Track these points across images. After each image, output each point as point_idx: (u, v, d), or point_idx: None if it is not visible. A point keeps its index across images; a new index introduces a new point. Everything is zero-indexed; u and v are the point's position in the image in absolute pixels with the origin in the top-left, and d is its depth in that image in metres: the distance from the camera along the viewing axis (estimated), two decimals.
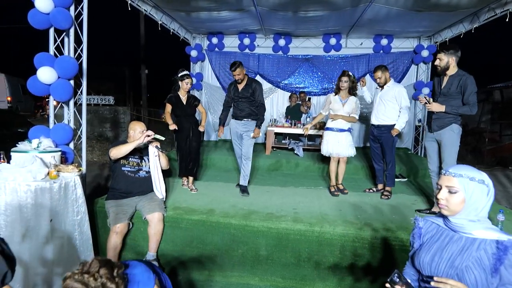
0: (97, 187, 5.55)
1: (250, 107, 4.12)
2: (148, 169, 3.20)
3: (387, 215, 3.44)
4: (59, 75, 3.19)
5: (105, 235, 3.12)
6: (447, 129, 3.31)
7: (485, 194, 1.28)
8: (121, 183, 3.13)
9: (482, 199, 1.28)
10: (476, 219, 1.29)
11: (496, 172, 7.96)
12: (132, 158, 3.16)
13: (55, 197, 2.58)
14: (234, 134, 4.26)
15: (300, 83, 7.76)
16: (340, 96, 4.08)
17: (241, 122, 4.14)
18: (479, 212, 1.29)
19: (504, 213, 3.07)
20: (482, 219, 1.30)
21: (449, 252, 1.33)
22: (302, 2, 4.98)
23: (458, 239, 1.33)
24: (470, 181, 1.28)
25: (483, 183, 1.28)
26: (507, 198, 5.94)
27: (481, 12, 5.12)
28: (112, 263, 1.37)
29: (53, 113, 3.48)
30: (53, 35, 3.35)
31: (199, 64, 7.79)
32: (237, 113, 4.19)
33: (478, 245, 1.27)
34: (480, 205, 1.28)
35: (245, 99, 4.10)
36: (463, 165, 1.38)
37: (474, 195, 1.28)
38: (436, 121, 3.37)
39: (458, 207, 1.30)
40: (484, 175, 1.31)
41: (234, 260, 3.13)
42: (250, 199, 3.83)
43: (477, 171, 1.32)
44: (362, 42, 7.28)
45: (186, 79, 4.02)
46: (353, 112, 4.07)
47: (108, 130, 11.38)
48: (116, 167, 3.15)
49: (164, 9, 5.59)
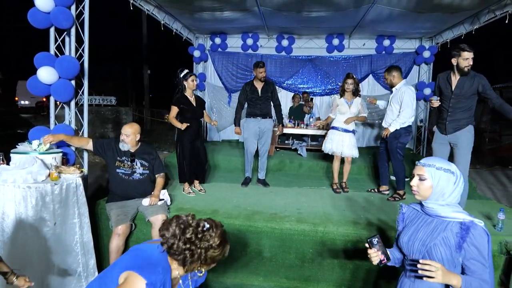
0: (99, 189, 5.52)
1: (268, 107, 4.40)
2: (142, 172, 3.16)
3: (390, 215, 3.41)
4: (60, 75, 3.17)
5: (107, 237, 3.09)
6: (464, 131, 3.26)
7: (452, 182, 1.47)
8: (117, 186, 3.11)
9: (448, 186, 1.47)
10: (445, 203, 1.48)
11: (496, 171, 7.95)
12: (125, 160, 3.11)
13: (56, 199, 2.55)
14: (252, 132, 4.36)
15: (303, 83, 7.73)
16: (345, 98, 4.15)
17: (261, 120, 4.34)
18: (447, 198, 1.48)
19: (505, 211, 3.09)
20: (452, 204, 1.49)
21: (422, 233, 1.54)
22: (305, 2, 4.96)
23: (430, 222, 1.54)
24: (437, 170, 1.48)
25: (449, 172, 1.47)
26: (507, 197, 5.93)
27: (481, 14, 5.13)
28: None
29: (53, 114, 3.45)
30: (54, 35, 3.32)
31: (202, 65, 7.76)
32: (256, 112, 4.35)
33: (445, 226, 1.47)
34: (447, 191, 1.47)
35: (265, 99, 4.33)
36: (435, 157, 1.57)
37: (440, 182, 1.47)
38: (452, 123, 3.30)
39: (426, 192, 1.50)
40: (452, 166, 1.50)
41: (237, 261, 3.10)
42: (254, 199, 3.80)
43: (446, 163, 1.51)
44: (365, 42, 7.26)
45: (191, 76, 3.82)
46: (361, 112, 4.18)
47: (110, 131, 11.38)
48: (110, 169, 3.12)
49: (166, 9, 5.57)
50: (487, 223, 3.21)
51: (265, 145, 4.46)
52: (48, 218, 2.50)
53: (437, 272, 1.34)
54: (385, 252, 1.59)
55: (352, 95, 4.15)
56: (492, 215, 3.38)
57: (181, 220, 1.39)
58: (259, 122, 4.34)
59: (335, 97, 4.23)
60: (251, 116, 4.38)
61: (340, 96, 4.20)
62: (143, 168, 3.16)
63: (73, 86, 3.37)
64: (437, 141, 3.50)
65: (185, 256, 1.36)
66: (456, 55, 3.16)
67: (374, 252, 1.61)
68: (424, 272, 1.36)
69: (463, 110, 3.27)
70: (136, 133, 3.13)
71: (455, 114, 3.27)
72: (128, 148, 3.10)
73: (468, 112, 3.28)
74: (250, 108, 4.39)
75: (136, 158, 3.15)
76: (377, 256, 1.61)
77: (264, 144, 4.45)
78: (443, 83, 3.37)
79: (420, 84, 7.00)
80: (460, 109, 3.27)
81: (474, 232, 1.39)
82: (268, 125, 4.39)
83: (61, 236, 2.61)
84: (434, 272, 1.34)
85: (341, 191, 4.23)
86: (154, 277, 1.34)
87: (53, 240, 2.53)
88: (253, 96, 4.31)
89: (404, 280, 1.62)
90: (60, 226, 2.59)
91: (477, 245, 1.39)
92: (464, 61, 3.11)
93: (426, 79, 7.11)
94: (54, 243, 2.54)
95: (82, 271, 2.74)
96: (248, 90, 4.34)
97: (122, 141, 3.09)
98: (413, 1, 4.66)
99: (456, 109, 3.27)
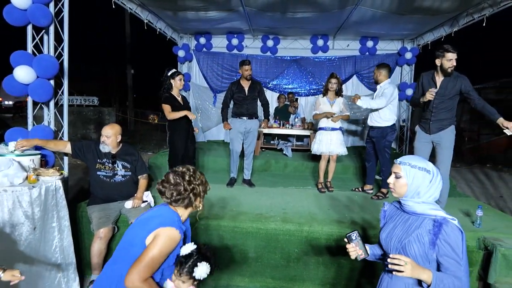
0: (81, 191, 5.38)
1: (255, 107, 4.38)
2: (124, 173, 3.09)
3: (374, 213, 3.45)
4: (38, 74, 3.06)
5: (89, 241, 3.01)
6: (447, 131, 3.31)
7: (427, 180, 1.49)
8: (99, 189, 3.02)
9: (423, 184, 1.49)
10: (421, 201, 1.50)
11: (475, 169, 8.19)
12: (106, 162, 3.03)
13: (35, 203, 2.46)
14: (237, 132, 4.33)
15: (288, 84, 7.77)
16: (328, 97, 4.19)
17: (247, 121, 4.32)
18: (423, 195, 1.50)
19: (483, 208, 3.17)
20: (428, 202, 1.51)
21: (399, 230, 1.57)
22: (290, 3, 4.98)
23: (407, 219, 1.57)
24: (411, 168, 1.51)
25: (424, 170, 1.49)
26: (485, 194, 6.12)
27: (460, 17, 5.29)
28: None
29: (31, 114, 3.34)
30: (31, 33, 3.21)
31: (186, 65, 7.69)
32: (243, 112, 4.32)
33: (420, 223, 1.50)
34: (422, 189, 1.49)
35: (251, 99, 4.31)
36: (412, 156, 1.60)
37: (415, 180, 1.49)
38: (436, 123, 3.33)
39: (402, 190, 1.53)
40: (429, 165, 1.51)
41: (223, 262, 3.07)
42: (239, 200, 3.78)
43: (422, 161, 1.53)
44: (349, 44, 7.35)
45: (178, 75, 3.85)
46: (344, 111, 4.22)
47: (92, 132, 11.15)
48: (91, 171, 3.04)
49: (150, 8, 5.49)
50: (466, 220, 3.30)
51: (251, 146, 4.45)
52: (27, 222, 2.41)
53: (406, 266, 1.39)
54: (363, 248, 1.63)
55: (335, 94, 4.20)
56: (471, 212, 3.47)
57: (176, 171, 1.68)
58: (245, 123, 4.31)
59: (318, 96, 4.26)
60: (237, 116, 4.34)
61: (323, 95, 4.23)
62: (125, 170, 3.10)
63: (52, 86, 3.27)
64: (420, 140, 3.52)
65: (189, 197, 1.66)
66: (440, 56, 3.18)
67: (352, 247, 1.64)
68: (394, 267, 1.40)
69: (446, 110, 3.31)
70: (117, 134, 3.05)
71: (439, 114, 3.30)
72: (109, 149, 3.02)
73: (450, 112, 3.32)
74: (237, 108, 4.35)
75: (117, 159, 3.08)
76: (355, 251, 1.64)
77: (249, 145, 4.44)
78: (427, 83, 3.38)
79: (402, 84, 7.14)
80: (444, 110, 3.31)
81: (446, 229, 1.42)
82: (253, 125, 4.37)
83: (40, 240, 2.52)
84: (403, 266, 1.39)
85: (325, 191, 4.27)
86: (179, 225, 1.62)
87: (33, 244, 2.44)
88: (240, 95, 4.28)
89: (384, 276, 1.66)
90: (39, 231, 2.51)
91: (449, 242, 1.41)
92: (448, 62, 3.14)
93: (408, 79, 7.26)
94: (33, 248, 2.45)
95: (62, 276, 2.66)
96: (234, 89, 4.30)
97: (103, 143, 3.00)
98: (395, 3, 4.76)
99: (440, 110, 3.31)
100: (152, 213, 1.71)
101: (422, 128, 3.48)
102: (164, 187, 1.65)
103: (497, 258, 2.66)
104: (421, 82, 3.46)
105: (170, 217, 1.62)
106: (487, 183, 7.01)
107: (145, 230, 1.59)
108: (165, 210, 1.68)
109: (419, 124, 3.57)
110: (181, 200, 1.65)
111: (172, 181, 1.64)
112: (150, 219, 1.65)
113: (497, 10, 4.57)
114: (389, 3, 4.75)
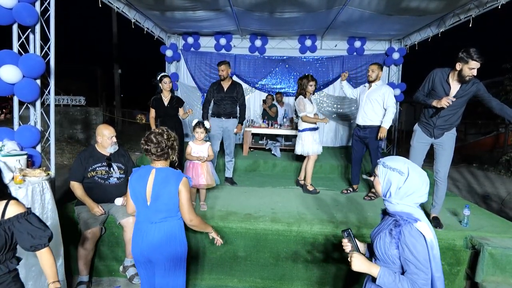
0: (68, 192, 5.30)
1: (233, 107, 4.44)
2: (119, 176, 3.06)
3: (362, 212, 3.51)
4: (24, 74, 3.02)
5: (76, 241, 2.98)
6: (450, 133, 3.19)
7: (401, 181, 1.46)
8: (92, 191, 2.97)
9: (394, 184, 1.48)
10: (396, 202, 1.48)
11: (462, 169, 8.33)
12: (99, 167, 2.99)
13: None
14: (215, 132, 4.42)
15: (276, 84, 7.80)
16: (308, 98, 4.20)
17: (224, 120, 4.39)
18: (395, 196, 1.48)
19: (470, 208, 3.22)
20: (404, 202, 1.47)
21: (379, 227, 1.62)
22: (277, 3, 5.01)
23: (386, 218, 1.60)
24: (384, 168, 1.52)
25: (397, 171, 1.47)
26: (471, 193, 6.23)
27: (446, 17, 5.39)
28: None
29: (17, 114, 3.29)
30: (17, 32, 3.16)
31: (174, 64, 7.66)
32: (220, 112, 4.41)
33: (390, 222, 1.53)
34: (393, 189, 1.48)
35: (229, 99, 4.39)
36: (395, 156, 1.59)
37: (387, 180, 1.51)
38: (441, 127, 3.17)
39: (377, 188, 1.57)
40: (404, 166, 1.48)
41: (212, 262, 3.09)
42: (228, 200, 3.79)
43: (399, 162, 1.51)
44: (337, 44, 7.42)
45: (164, 78, 4.26)
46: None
47: (79, 132, 10.98)
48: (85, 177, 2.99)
49: (137, 7, 5.45)
50: (453, 219, 3.35)
51: (230, 145, 4.53)
52: None
53: (352, 259, 1.50)
54: (354, 245, 1.67)
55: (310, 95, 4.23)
56: (458, 211, 3.52)
57: (155, 132, 2.03)
58: (222, 122, 4.39)
59: (300, 98, 4.16)
60: (215, 116, 4.44)
61: (304, 97, 4.18)
62: (120, 172, 3.07)
63: (38, 85, 3.23)
64: (419, 140, 3.33)
65: (168, 151, 2.05)
66: (463, 61, 2.86)
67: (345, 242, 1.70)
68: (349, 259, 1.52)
69: (454, 115, 3.15)
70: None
71: (446, 120, 3.14)
72: (116, 149, 3.05)
73: (457, 116, 3.18)
74: (216, 107, 4.45)
75: (112, 162, 3.05)
76: (347, 246, 1.68)
77: (229, 144, 4.52)
78: (439, 83, 3.12)
79: (390, 85, 7.17)
80: (452, 115, 3.15)
81: (405, 231, 1.41)
82: (231, 125, 4.44)
83: None
84: (349, 258, 1.51)
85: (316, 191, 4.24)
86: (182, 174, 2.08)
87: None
88: (219, 95, 4.38)
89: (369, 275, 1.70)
90: None
91: (407, 245, 1.39)
92: (469, 70, 2.84)
93: (395, 80, 7.37)
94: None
95: None
96: (214, 89, 4.42)
97: (115, 144, 3.04)
98: (382, 4, 4.82)
99: (448, 116, 3.14)
100: (159, 178, 2.02)
101: (424, 130, 3.29)
102: (149, 145, 2.00)
103: (484, 257, 2.72)
104: (433, 79, 3.17)
105: (175, 173, 2.05)
106: (473, 182, 7.13)
107: (173, 182, 1.99)
108: (165, 170, 2.05)
109: (419, 123, 3.37)
110: (163, 156, 2.03)
111: (155, 140, 1.99)
112: (165, 172, 2.04)
113: (483, 11, 4.66)
114: (376, 3, 4.82)
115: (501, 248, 2.74)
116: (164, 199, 1.99)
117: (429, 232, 1.41)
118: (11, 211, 1.57)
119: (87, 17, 18.03)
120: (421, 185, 1.45)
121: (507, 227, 3.20)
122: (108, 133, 2.98)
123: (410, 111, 15.56)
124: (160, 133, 2.03)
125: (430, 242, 1.40)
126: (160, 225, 2.02)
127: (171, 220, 2.05)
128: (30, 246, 1.61)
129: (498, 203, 5.59)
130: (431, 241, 1.41)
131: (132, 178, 2.09)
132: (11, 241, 1.58)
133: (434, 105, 3.07)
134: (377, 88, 3.95)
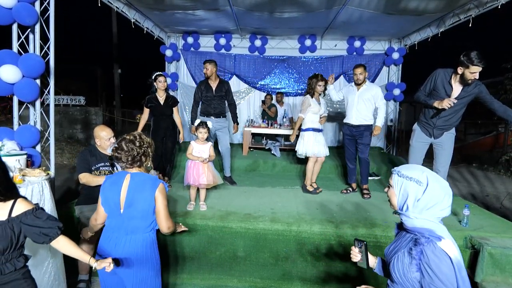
0: (68, 191, 5.32)
1: (222, 106, 4.47)
2: None
3: (362, 213, 3.51)
4: (23, 73, 3.02)
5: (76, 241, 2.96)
6: (449, 133, 3.22)
7: (420, 192, 1.29)
8: (95, 190, 2.96)
9: (411, 196, 1.30)
10: (414, 216, 1.30)
11: (461, 169, 8.33)
12: (103, 167, 2.97)
13: None
14: None
15: (276, 83, 7.79)
16: (315, 98, 4.19)
17: (214, 119, 4.39)
18: (413, 209, 1.31)
19: (469, 207, 3.23)
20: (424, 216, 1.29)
21: (395, 244, 1.43)
22: (277, 3, 5.00)
23: (404, 234, 1.41)
24: (400, 178, 1.35)
25: (415, 181, 1.30)
26: (471, 193, 6.23)
27: (446, 17, 5.38)
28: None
29: (17, 114, 3.29)
30: (17, 32, 3.16)
31: (174, 64, 7.65)
32: (210, 111, 4.43)
33: (408, 239, 1.35)
34: (410, 201, 1.31)
35: (218, 98, 4.41)
36: (412, 164, 1.44)
37: (403, 191, 1.33)
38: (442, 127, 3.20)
39: (393, 200, 1.40)
40: (422, 176, 1.30)
41: (212, 262, 3.09)
42: (228, 200, 3.79)
43: (418, 171, 1.33)
44: (336, 43, 7.41)
45: (159, 77, 4.20)
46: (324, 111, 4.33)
47: (79, 132, 10.99)
48: None
49: (137, 7, 5.44)
50: (453, 219, 3.33)
51: (224, 144, 4.52)
52: None
53: None
54: (364, 258, 1.56)
55: (319, 96, 4.23)
56: (457, 211, 3.50)
57: (126, 139, 1.92)
58: (212, 121, 4.26)
59: (307, 97, 4.18)
60: (204, 115, 4.45)
61: (311, 96, 4.20)
62: None
63: (38, 85, 3.23)
64: (419, 140, 3.38)
65: (141, 159, 1.94)
66: (464, 66, 2.90)
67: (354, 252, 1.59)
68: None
69: (454, 116, 3.18)
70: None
71: (447, 121, 3.17)
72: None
73: (457, 116, 3.21)
74: (204, 107, 4.47)
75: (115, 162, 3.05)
76: (356, 257, 1.59)
77: (223, 144, 4.52)
78: (441, 84, 3.14)
79: (390, 85, 7.24)
80: (452, 116, 3.18)
81: (428, 252, 1.23)
82: (221, 124, 4.47)
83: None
84: None
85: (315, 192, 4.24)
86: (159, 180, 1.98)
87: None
88: (208, 94, 4.39)
89: None
90: None
91: (432, 267, 1.21)
92: (471, 74, 2.88)
93: (395, 80, 7.36)
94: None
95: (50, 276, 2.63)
96: (203, 88, 4.42)
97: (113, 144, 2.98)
98: (382, 4, 4.82)
99: (449, 117, 3.18)
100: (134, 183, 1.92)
101: (424, 130, 3.33)
102: (120, 154, 1.90)
103: (484, 257, 2.73)
104: (435, 79, 3.19)
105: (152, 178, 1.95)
106: (473, 182, 7.13)
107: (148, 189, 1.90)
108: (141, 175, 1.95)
109: (419, 123, 3.41)
110: (136, 163, 1.93)
111: (125, 148, 1.89)
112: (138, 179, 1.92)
113: (483, 11, 4.66)
114: (376, 3, 4.81)
115: (501, 248, 2.74)
116: (138, 206, 1.89)
117: (455, 251, 1.24)
118: (18, 209, 1.62)
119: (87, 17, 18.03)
120: (443, 196, 1.27)
121: (507, 227, 3.20)
122: (105, 134, 2.95)
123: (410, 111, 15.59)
124: (131, 140, 1.92)
125: (457, 262, 1.22)
126: (132, 237, 1.91)
127: (144, 232, 1.93)
128: (43, 240, 1.67)
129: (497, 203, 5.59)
130: (458, 262, 1.22)
131: (105, 184, 1.97)
132: (17, 240, 1.61)
133: (436, 106, 3.07)
134: (368, 88, 4.06)
